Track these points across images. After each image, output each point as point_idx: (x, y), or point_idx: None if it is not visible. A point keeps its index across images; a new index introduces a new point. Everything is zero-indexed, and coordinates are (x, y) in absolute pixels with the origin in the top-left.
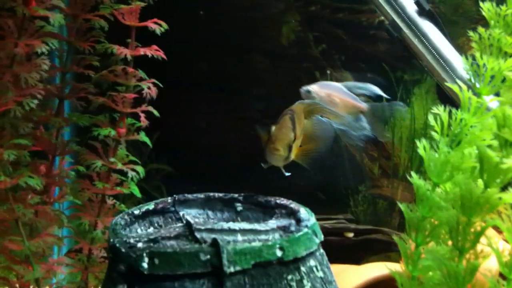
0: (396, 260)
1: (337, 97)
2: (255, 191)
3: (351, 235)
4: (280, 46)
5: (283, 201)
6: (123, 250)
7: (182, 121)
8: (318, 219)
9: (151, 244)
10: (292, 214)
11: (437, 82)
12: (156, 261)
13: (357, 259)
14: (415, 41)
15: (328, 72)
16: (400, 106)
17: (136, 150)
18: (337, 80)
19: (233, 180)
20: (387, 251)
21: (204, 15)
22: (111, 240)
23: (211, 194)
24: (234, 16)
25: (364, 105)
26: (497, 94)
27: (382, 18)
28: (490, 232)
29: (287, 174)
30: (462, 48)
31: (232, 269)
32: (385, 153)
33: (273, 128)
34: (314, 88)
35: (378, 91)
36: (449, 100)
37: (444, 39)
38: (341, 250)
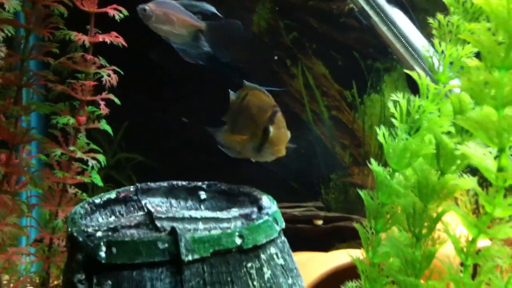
0: None
1: (173, 15)
2: (226, 180)
3: (320, 222)
4: (251, 34)
5: (247, 189)
6: (80, 239)
7: (152, 110)
8: (287, 207)
9: (109, 233)
10: (255, 201)
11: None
12: (114, 250)
13: (327, 246)
14: (384, 28)
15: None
16: (237, 25)
17: (106, 139)
18: None
19: (203, 168)
20: (357, 239)
21: None
22: (69, 229)
23: (175, 182)
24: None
25: (202, 23)
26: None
27: (352, 5)
28: (451, 218)
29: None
30: (431, 35)
31: (190, 257)
32: (356, 141)
33: (271, 128)
34: (150, 6)
35: (213, 9)
36: (417, 86)
37: (413, 26)
38: (311, 238)
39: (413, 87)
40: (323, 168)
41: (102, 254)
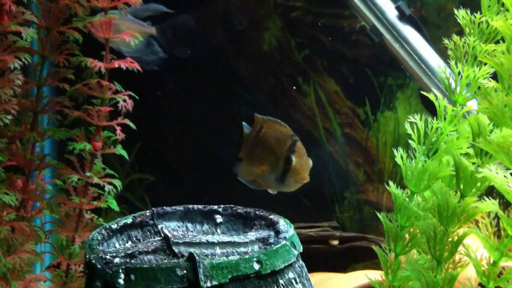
0: None
1: (123, 25)
2: (239, 199)
3: (336, 242)
4: (262, 52)
5: (263, 212)
6: (99, 266)
7: (164, 130)
8: (302, 227)
9: (128, 260)
10: (272, 225)
11: (419, 88)
12: (132, 277)
13: (343, 267)
14: (396, 46)
15: None
16: (187, 20)
17: (118, 160)
18: None
19: (217, 189)
20: (374, 258)
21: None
22: (87, 256)
23: (190, 206)
24: (216, 23)
25: (151, 29)
26: None
27: (363, 23)
28: (471, 240)
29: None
30: (444, 51)
31: (208, 284)
32: (370, 158)
33: (293, 158)
34: (98, 17)
35: (162, 8)
36: (432, 103)
37: (426, 43)
38: (327, 258)
39: (427, 105)
40: (337, 185)
41: (121, 281)
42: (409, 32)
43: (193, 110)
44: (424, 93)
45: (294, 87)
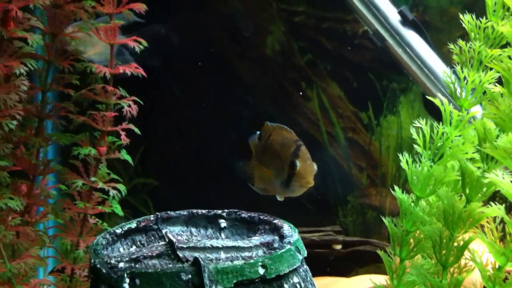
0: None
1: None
2: (243, 204)
3: (339, 247)
4: (265, 56)
5: (267, 216)
6: (104, 271)
7: (168, 134)
8: (306, 232)
9: (132, 264)
10: (276, 230)
11: (422, 92)
12: (137, 281)
13: (346, 271)
14: (399, 51)
15: None
16: (157, 28)
17: (121, 165)
18: None
19: (221, 193)
20: (377, 263)
21: (188, 26)
22: (92, 260)
23: (194, 211)
24: (218, 27)
25: (123, 38)
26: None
27: (366, 28)
28: (476, 245)
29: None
30: (447, 55)
31: None
32: (373, 162)
33: (297, 162)
34: (69, 29)
35: (134, 17)
36: (435, 108)
37: (429, 48)
38: (330, 263)
39: (430, 110)
40: (340, 189)
41: (126, 286)
42: (412, 37)
43: (197, 114)
44: (430, 97)
45: (301, 93)
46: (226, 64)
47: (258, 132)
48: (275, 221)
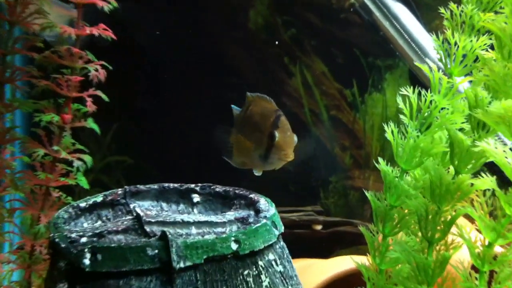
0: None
1: (47, 7)
2: (221, 183)
3: (319, 227)
4: (248, 31)
5: (242, 191)
6: (63, 245)
7: (145, 111)
8: (285, 211)
9: (94, 239)
10: (252, 204)
11: (409, 68)
12: (99, 257)
13: (327, 252)
14: (386, 24)
15: None
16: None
17: (93, 141)
18: None
19: (199, 172)
20: (358, 244)
21: (171, 2)
22: (51, 235)
23: (166, 184)
24: (201, 1)
25: (75, 11)
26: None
27: (353, 0)
28: (462, 221)
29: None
30: (435, 31)
31: (182, 265)
32: (357, 142)
33: (276, 133)
34: None
35: None
36: (421, 85)
37: (417, 22)
38: (311, 243)
39: (416, 85)
40: (322, 170)
41: (86, 261)
42: (400, 10)
43: (176, 90)
44: (418, 64)
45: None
46: (207, 40)
47: (234, 107)
48: (251, 196)
